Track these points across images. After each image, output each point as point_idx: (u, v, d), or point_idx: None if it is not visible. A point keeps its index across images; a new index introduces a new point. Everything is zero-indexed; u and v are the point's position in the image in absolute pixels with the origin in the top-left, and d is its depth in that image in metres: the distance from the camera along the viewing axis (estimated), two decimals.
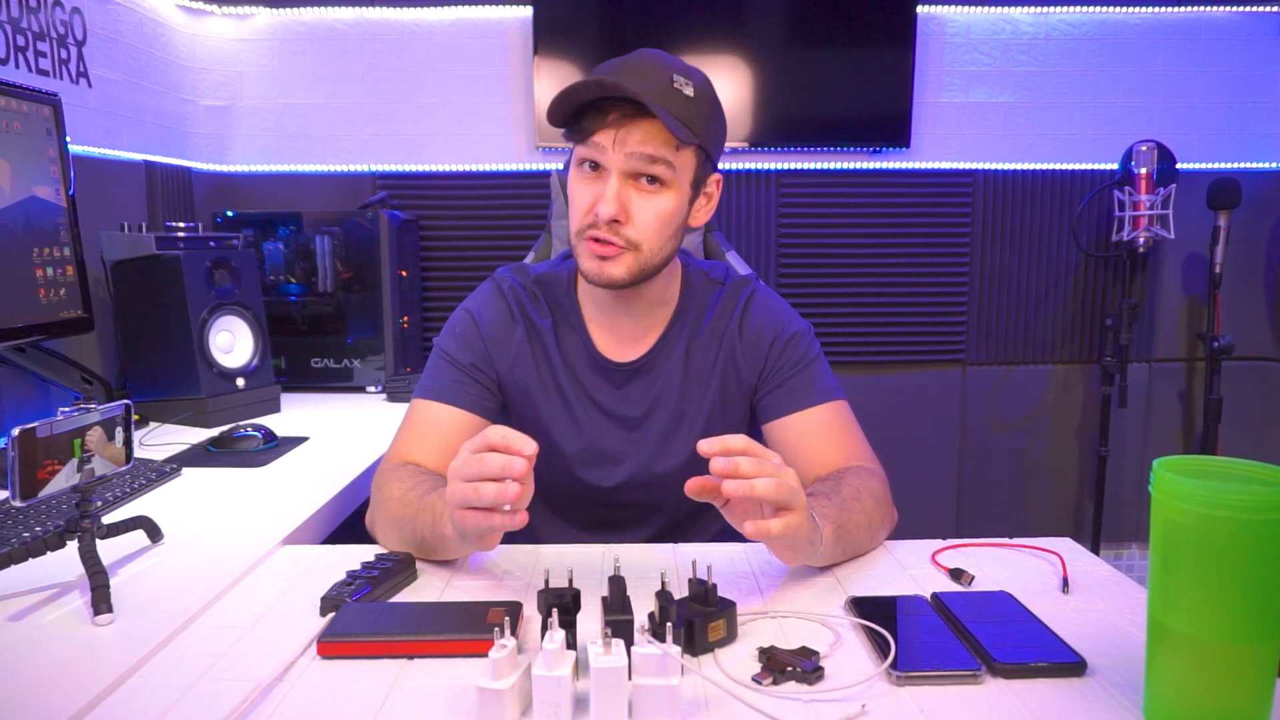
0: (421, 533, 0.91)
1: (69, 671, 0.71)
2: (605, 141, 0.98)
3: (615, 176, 0.98)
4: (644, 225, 1.01)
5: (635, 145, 0.97)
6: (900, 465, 2.52)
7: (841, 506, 0.92)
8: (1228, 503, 0.56)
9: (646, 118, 0.96)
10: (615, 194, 0.98)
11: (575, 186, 1.03)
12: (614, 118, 0.97)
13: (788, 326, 1.14)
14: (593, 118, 0.98)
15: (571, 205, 1.04)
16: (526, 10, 2.35)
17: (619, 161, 0.98)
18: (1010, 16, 2.44)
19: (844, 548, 0.91)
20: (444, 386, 1.10)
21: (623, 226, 1.00)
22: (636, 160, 0.98)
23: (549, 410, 1.14)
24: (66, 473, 0.83)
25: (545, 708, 0.62)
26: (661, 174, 0.99)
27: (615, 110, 0.97)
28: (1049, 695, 0.66)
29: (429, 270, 2.44)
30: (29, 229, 1.36)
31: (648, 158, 0.98)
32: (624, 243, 1.00)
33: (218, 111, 2.38)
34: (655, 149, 0.98)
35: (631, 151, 0.97)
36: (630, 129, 0.97)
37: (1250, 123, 2.50)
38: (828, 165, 2.47)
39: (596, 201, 0.99)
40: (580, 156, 1.02)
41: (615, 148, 0.97)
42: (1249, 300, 2.55)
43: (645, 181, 1.00)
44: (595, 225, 1.00)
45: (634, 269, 1.02)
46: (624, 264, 1.01)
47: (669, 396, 1.13)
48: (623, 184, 0.99)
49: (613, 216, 0.98)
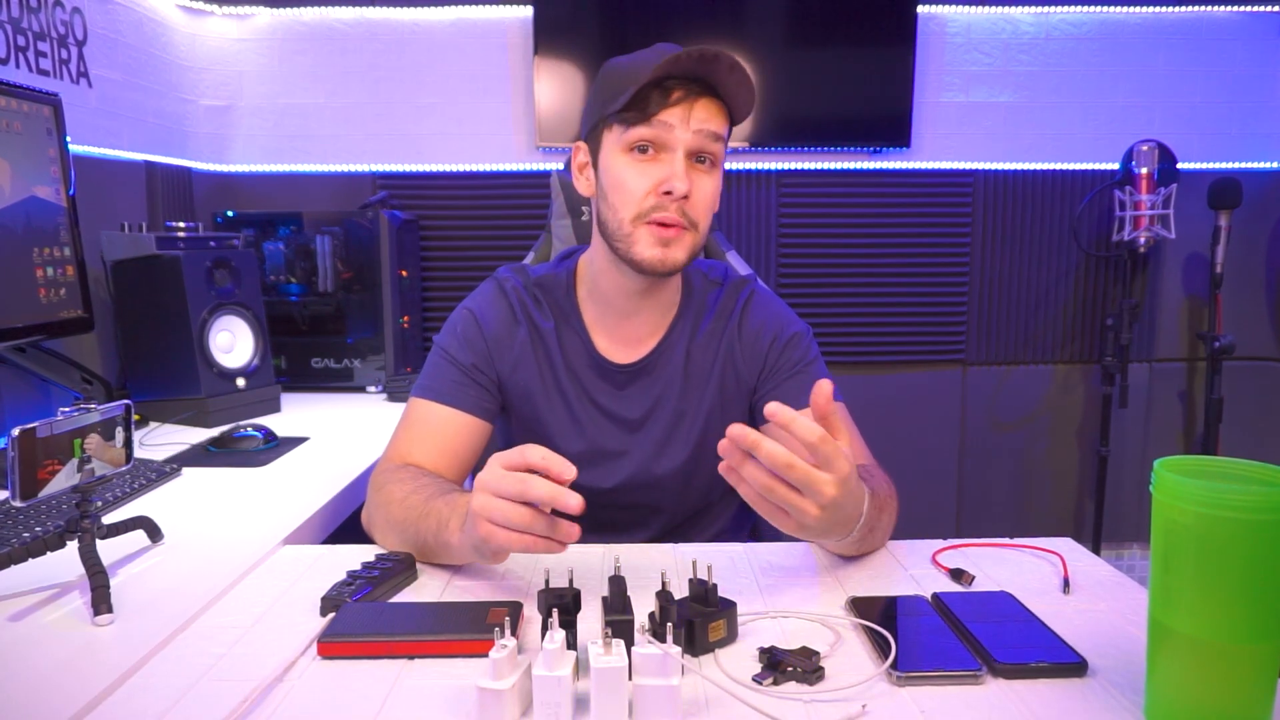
0: (424, 537, 0.91)
1: (69, 671, 0.71)
2: (675, 119, 0.98)
3: (682, 153, 0.99)
4: (701, 204, 1.02)
5: (703, 122, 0.98)
6: (900, 465, 2.50)
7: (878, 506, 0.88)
8: (1228, 503, 0.56)
9: (706, 97, 0.98)
10: (685, 172, 0.99)
11: (625, 171, 1.01)
12: (679, 95, 0.97)
13: (787, 328, 1.14)
14: (657, 94, 0.98)
15: (622, 192, 1.01)
16: (526, 10, 2.35)
17: (688, 139, 0.98)
18: (1010, 16, 2.44)
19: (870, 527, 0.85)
20: (444, 387, 1.10)
21: (687, 204, 1.00)
22: (703, 138, 0.99)
23: (550, 412, 1.13)
24: (66, 473, 0.83)
25: (545, 708, 0.62)
26: (717, 153, 1.01)
27: (678, 89, 0.97)
28: (1050, 695, 0.66)
29: (429, 270, 2.44)
30: (29, 229, 1.36)
31: (713, 135, 0.99)
32: (687, 222, 1.01)
33: (218, 111, 2.38)
34: (719, 126, 1.00)
35: (701, 128, 0.98)
36: (698, 108, 0.98)
37: (1251, 123, 2.50)
38: (828, 165, 2.47)
39: (660, 183, 0.99)
40: (634, 139, 0.99)
41: (687, 125, 0.98)
42: (1250, 300, 2.55)
43: (698, 161, 1.01)
44: (661, 208, 0.99)
45: (691, 249, 1.03)
46: (684, 245, 1.02)
47: (669, 397, 1.13)
48: (687, 161, 1.00)
49: (685, 193, 0.99)
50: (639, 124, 0.99)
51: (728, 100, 1.00)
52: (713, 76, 0.97)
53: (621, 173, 1.01)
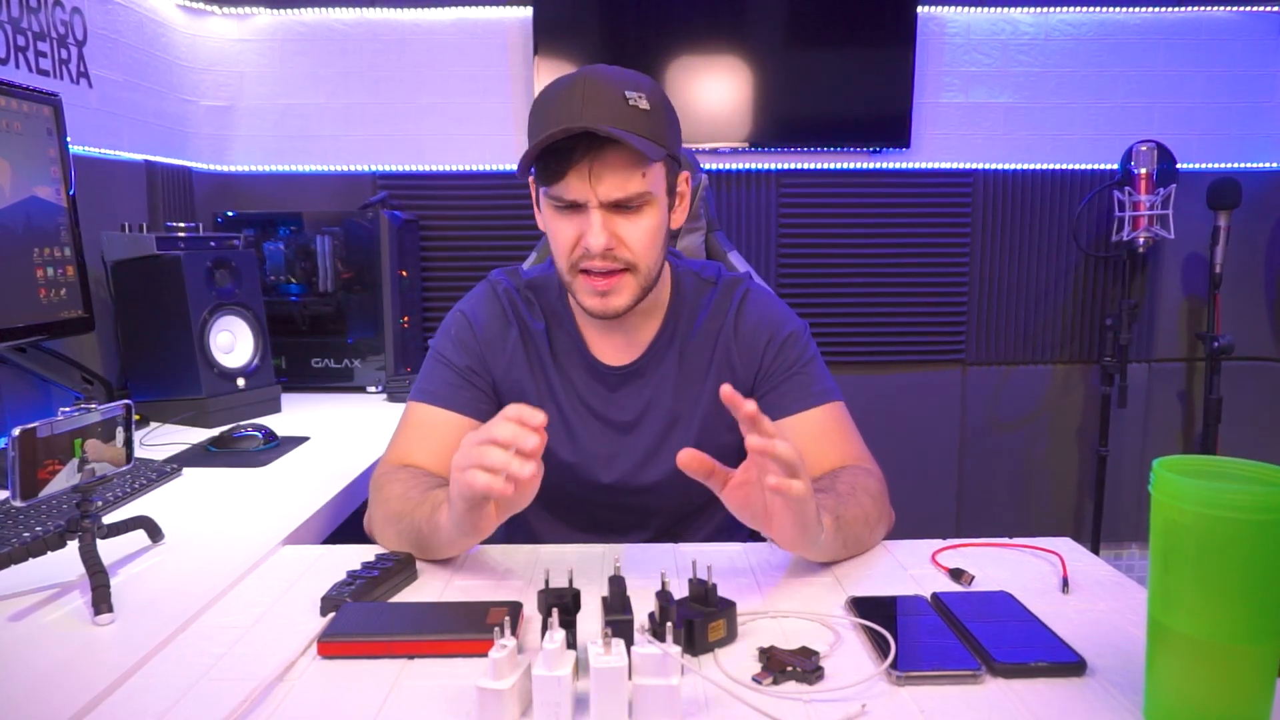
0: (419, 524, 0.91)
1: (69, 671, 0.71)
2: (579, 189, 0.96)
3: (596, 210, 0.97)
4: (636, 245, 1.00)
5: (609, 189, 0.96)
6: (900, 465, 2.52)
7: (839, 499, 0.92)
8: (1228, 503, 0.56)
9: (612, 147, 0.95)
10: (601, 225, 0.97)
11: (554, 225, 1.01)
12: (580, 155, 0.95)
13: (783, 327, 1.13)
14: (557, 160, 0.95)
15: (554, 243, 1.02)
16: (526, 10, 2.35)
17: (596, 203, 0.97)
18: (1010, 17, 2.44)
19: (844, 540, 0.91)
20: (440, 390, 1.10)
21: (615, 250, 0.99)
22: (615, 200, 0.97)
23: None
24: (67, 473, 0.83)
25: (545, 708, 0.62)
26: (643, 198, 0.99)
27: (579, 147, 0.94)
28: (1049, 695, 0.66)
29: (429, 270, 2.44)
30: (29, 229, 1.36)
31: (624, 198, 0.97)
32: (622, 264, 1.00)
33: (218, 112, 2.38)
34: (629, 187, 0.96)
35: (608, 197, 0.96)
36: (600, 165, 0.95)
37: (1250, 123, 2.50)
38: (828, 165, 2.47)
39: (581, 236, 0.98)
40: (553, 196, 0.99)
41: (592, 192, 0.96)
42: (1249, 300, 2.55)
43: (625, 207, 0.99)
44: (586, 257, 0.99)
45: (635, 292, 1.02)
46: (625, 290, 1.01)
47: (663, 399, 1.13)
48: (605, 214, 0.98)
49: (606, 247, 0.98)
50: (548, 190, 0.99)
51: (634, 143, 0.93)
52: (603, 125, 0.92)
53: (550, 226, 1.02)
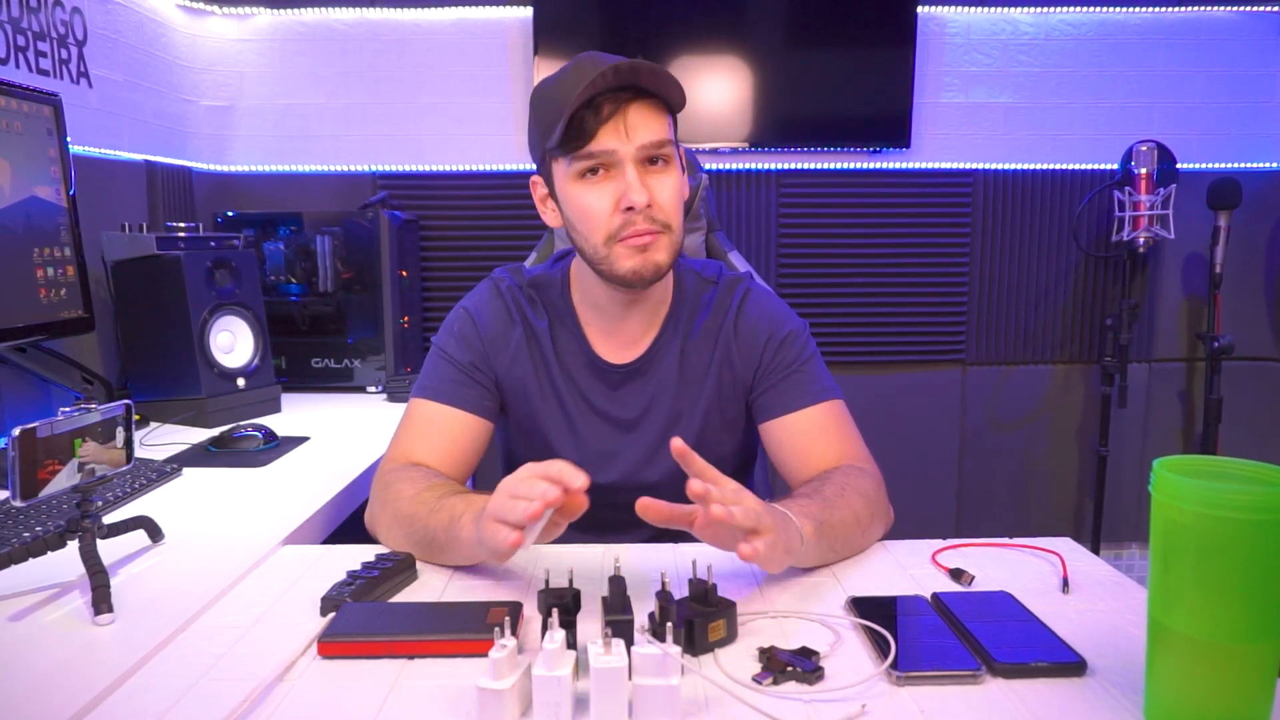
0: (434, 531, 0.91)
1: (69, 671, 0.71)
2: (614, 138, 0.98)
3: (632, 166, 0.99)
4: (667, 204, 1.01)
5: (644, 134, 0.98)
6: (900, 465, 2.52)
7: (824, 504, 0.92)
8: (1228, 503, 0.56)
9: (637, 100, 0.98)
10: (640, 181, 0.99)
11: (585, 199, 1.01)
12: (608, 111, 0.97)
13: (783, 325, 1.13)
14: (589, 117, 0.97)
15: (587, 218, 1.01)
16: (526, 10, 2.35)
17: (632, 153, 0.98)
18: (1010, 17, 2.44)
19: (830, 544, 0.91)
20: (444, 387, 1.10)
21: (653, 210, 1.00)
22: (648, 148, 0.99)
23: (545, 411, 1.14)
24: (67, 473, 0.83)
25: (545, 708, 0.62)
26: (668, 152, 1.01)
27: (606, 104, 0.97)
28: (1049, 695, 0.66)
29: (429, 270, 2.44)
30: (29, 229, 1.36)
31: (656, 144, 0.99)
32: (659, 226, 1.01)
33: (218, 111, 2.38)
34: (659, 133, 0.99)
35: (643, 142, 0.98)
36: (632, 117, 0.98)
37: (1250, 123, 2.50)
38: (828, 165, 2.47)
39: (619, 200, 0.99)
40: (581, 168, 1.00)
41: (627, 140, 0.98)
42: (1249, 300, 2.55)
43: (651, 164, 1.01)
44: (628, 223, 0.99)
45: (671, 251, 1.03)
46: (662, 247, 1.02)
47: (665, 398, 1.13)
48: (639, 170, 0.99)
49: (647, 202, 0.99)
50: (580, 151, 0.99)
51: (661, 95, 0.99)
52: (636, 80, 0.97)
53: (581, 200, 1.01)
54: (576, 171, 1.00)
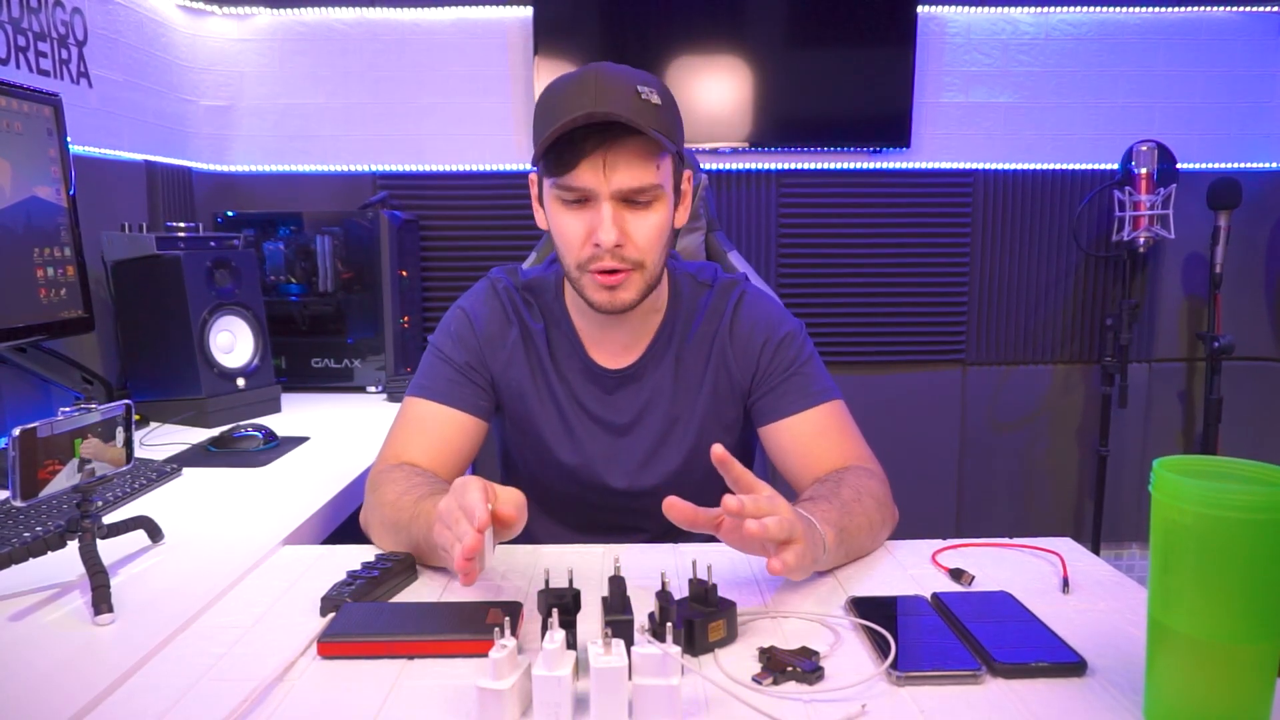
0: (416, 538, 0.91)
1: (69, 671, 0.71)
2: (592, 178, 0.96)
3: (607, 203, 0.97)
4: (644, 242, 1.00)
5: (623, 180, 0.96)
6: (900, 465, 2.51)
7: (843, 509, 0.91)
8: (1228, 503, 0.56)
9: (625, 138, 0.95)
10: (612, 220, 0.96)
11: (562, 220, 1.00)
12: (592, 145, 0.94)
13: (779, 328, 1.12)
14: (570, 150, 0.95)
15: (562, 239, 1.01)
16: (526, 10, 2.35)
17: (608, 193, 0.96)
18: (1010, 16, 2.44)
19: (847, 550, 0.91)
20: (439, 386, 1.10)
21: (624, 249, 0.98)
22: (627, 192, 0.97)
23: (542, 413, 1.13)
24: (67, 473, 0.83)
25: (545, 708, 0.62)
26: (652, 194, 0.99)
27: (592, 138, 0.94)
28: (1049, 695, 0.66)
29: (429, 270, 2.44)
30: (29, 229, 1.36)
31: (635, 190, 0.97)
32: (630, 264, 0.99)
33: (218, 111, 2.38)
34: (640, 179, 0.96)
35: (620, 187, 0.96)
36: (613, 157, 0.95)
37: (1250, 123, 2.50)
38: (828, 165, 2.47)
39: (591, 233, 0.98)
40: (561, 189, 0.98)
41: (605, 181, 0.96)
42: (1249, 300, 2.55)
43: (634, 202, 0.99)
44: (596, 257, 0.98)
45: (641, 288, 1.02)
46: (632, 286, 1.01)
47: (660, 403, 1.13)
48: (615, 208, 0.97)
49: (616, 243, 0.97)
50: (559, 180, 0.98)
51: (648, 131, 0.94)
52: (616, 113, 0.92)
53: (557, 221, 1.01)
54: (556, 193, 0.99)
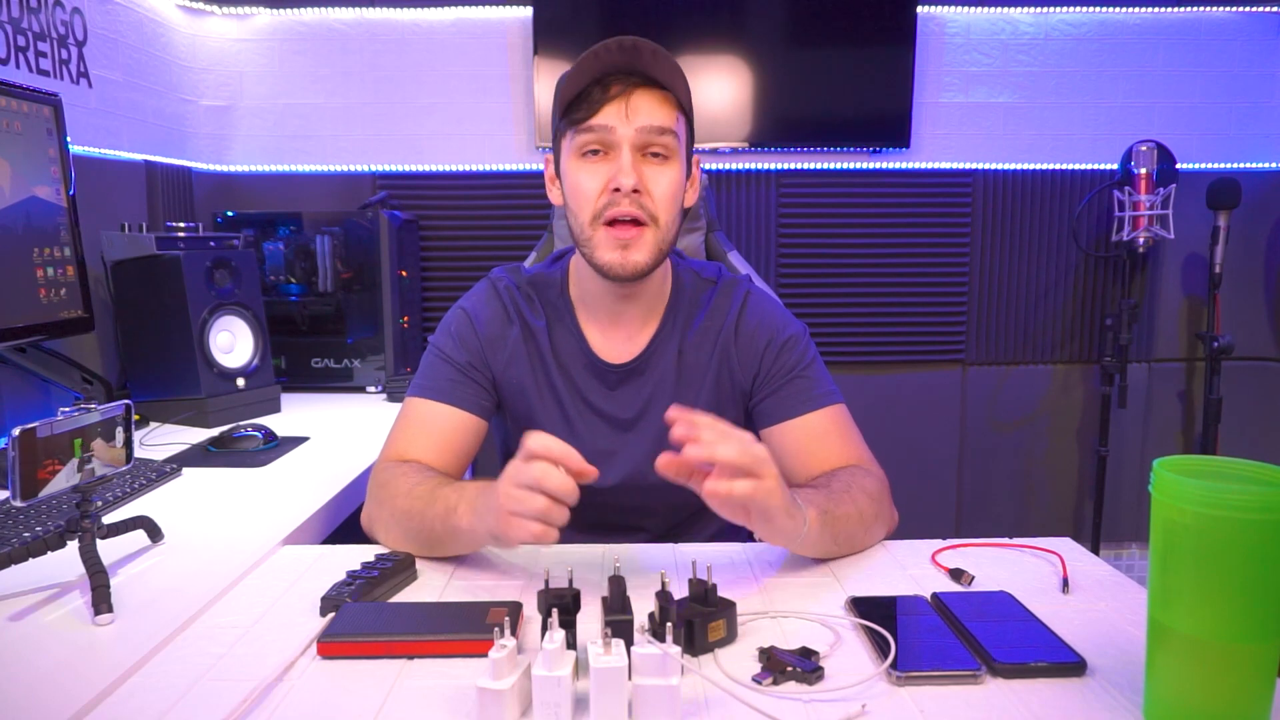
0: (431, 523, 0.91)
1: (69, 671, 0.71)
2: (615, 116, 0.98)
3: (628, 149, 0.99)
4: (661, 196, 1.01)
5: (645, 117, 0.99)
6: (900, 465, 2.52)
7: (829, 495, 0.92)
8: (1228, 503, 0.56)
9: (647, 89, 0.99)
10: (632, 164, 0.99)
11: (579, 176, 1.02)
12: (617, 91, 0.98)
13: (783, 330, 1.13)
14: (595, 94, 0.98)
15: (578, 195, 1.02)
16: (526, 10, 2.35)
17: (630, 135, 0.99)
18: (1010, 16, 2.44)
19: (834, 535, 0.91)
20: (441, 385, 1.10)
21: (641, 198, 1.00)
22: (648, 133, 0.99)
23: (543, 410, 1.13)
24: (67, 473, 0.83)
25: (545, 708, 0.62)
26: (668, 146, 1.01)
27: (616, 84, 0.98)
28: (1049, 695, 0.66)
29: (429, 270, 2.44)
30: (29, 229, 1.36)
31: (658, 129, 0.99)
32: (646, 215, 1.00)
33: (218, 111, 2.38)
34: (662, 120, 1.00)
35: (643, 125, 0.99)
36: (636, 100, 0.98)
37: (1250, 123, 2.50)
38: (828, 165, 2.47)
39: (610, 181, 0.99)
40: (582, 144, 1.01)
41: (626, 121, 0.98)
42: (1249, 300, 2.55)
43: (652, 156, 1.01)
44: (613, 204, 0.99)
45: (655, 249, 1.02)
46: (644, 246, 1.01)
47: (662, 398, 1.13)
48: (635, 157, 0.99)
49: (634, 187, 0.98)
50: (582, 124, 1.00)
51: (670, 87, 1.00)
52: (642, 66, 0.98)
53: (575, 176, 1.02)
54: (578, 148, 1.01)
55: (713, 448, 0.76)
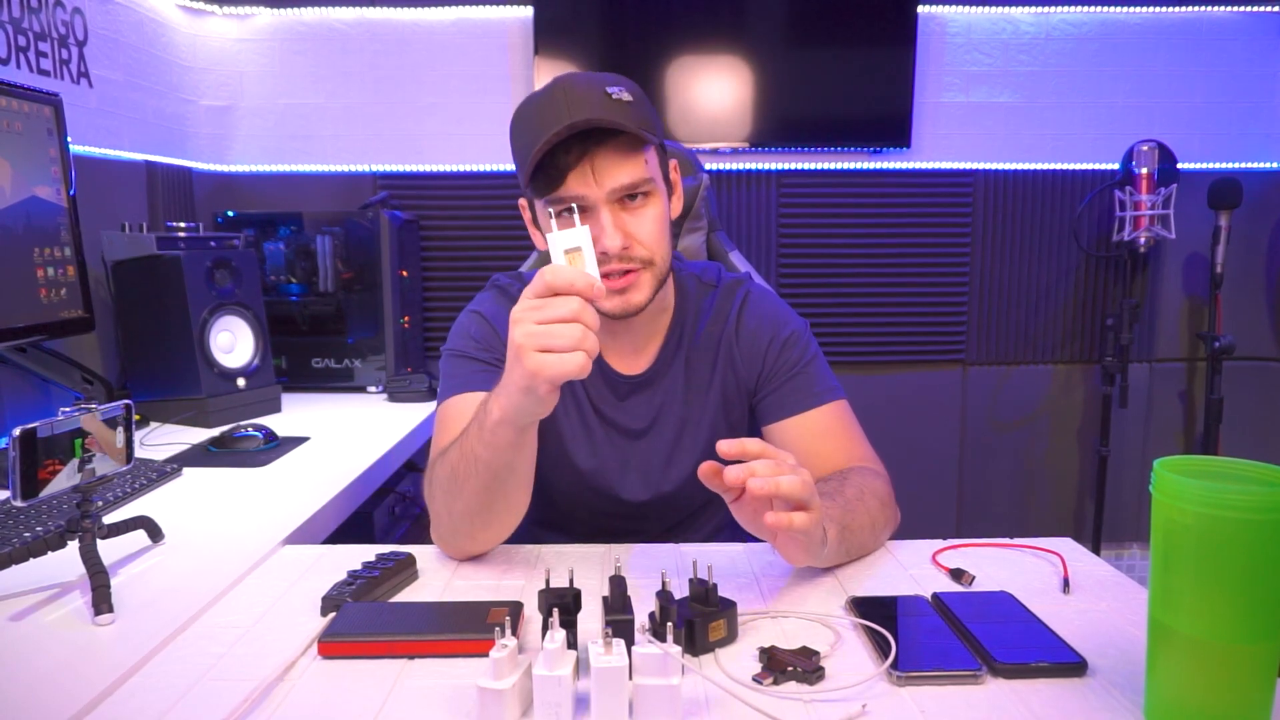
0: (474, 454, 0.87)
1: (69, 671, 0.71)
2: (582, 184, 0.96)
3: (604, 208, 0.97)
4: (649, 238, 1.00)
5: (612, 179, 0.96)
6: (900, 465, 2.49)
7: (845, 507, 0.91)
8: (1228, 503, 0.56)
9: (606, 141, 0.95)
10: (614, 225, 0.97)
11: None
12: (576, 155, 0.95)
13: (784, 327, 1.13)
14: (555, 165, 0.95)
15: None
16: (526, 10, 2.35)
17: (603, 197, 0.97)
18: (1011, 16, 2.44)
19: (847, 548, 0.91)
20: (470, 379, 1.07)
21: (630, 249, 0.99)
22: (619, 192, 0.97)
23: (564, 415, 1.12)
24: (67, 473, 0.83)
25: (546, 708, 0.62)
26: (647, 189, 0.99)
27: (574, 149, 0.94)
28: (1049, 695, 0.66)
29: (429, 270, 2.44)
30: (30, 229, 1.36)
31: (627, 186, 0.97)
32: (639, 263, 1.00)
33: (218, 111, 2.38)
34: (631, 175, 0.97)
35: (613, 187, 0.97)
36: (599, 161, 0.95)
37: (1250, 123, 2.50)
38: (828, 165, 2.47)
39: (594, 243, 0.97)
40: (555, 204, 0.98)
41: (595, 185, 0.96)
42: (1250, 300, 2.55)
43: (630, 200, 0.99)
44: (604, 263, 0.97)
45: (652, 285, 1.02)
46: (643, 286, 1.01)
47: (673, 407, 1.13)
48: (613, 211, 0.98)
49: (622, 246, 0.97)
50: (551, 195, 0.98)
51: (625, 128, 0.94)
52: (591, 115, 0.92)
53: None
54: (554, 210, 0.99)
55: (776, 483, 0.75)
